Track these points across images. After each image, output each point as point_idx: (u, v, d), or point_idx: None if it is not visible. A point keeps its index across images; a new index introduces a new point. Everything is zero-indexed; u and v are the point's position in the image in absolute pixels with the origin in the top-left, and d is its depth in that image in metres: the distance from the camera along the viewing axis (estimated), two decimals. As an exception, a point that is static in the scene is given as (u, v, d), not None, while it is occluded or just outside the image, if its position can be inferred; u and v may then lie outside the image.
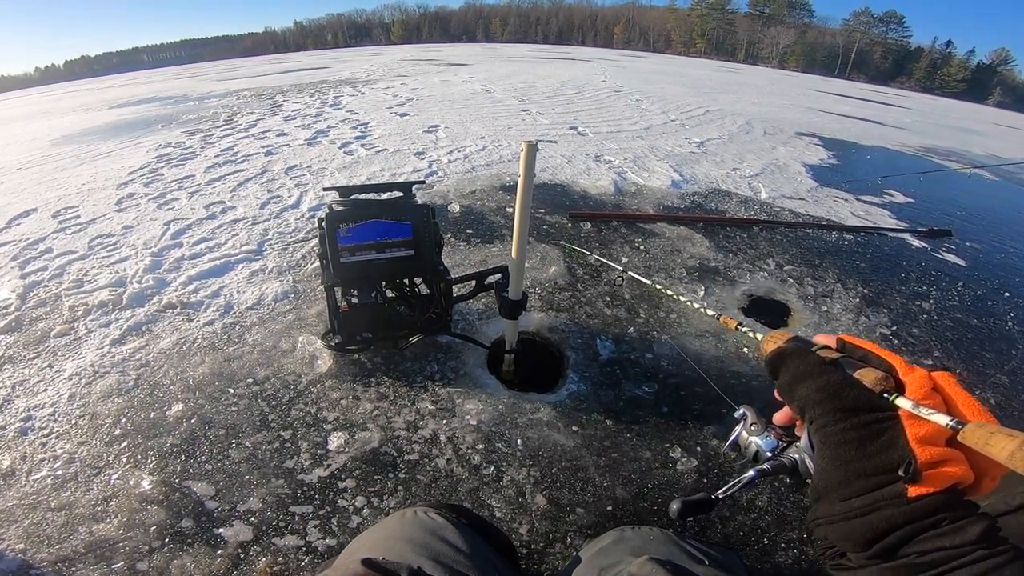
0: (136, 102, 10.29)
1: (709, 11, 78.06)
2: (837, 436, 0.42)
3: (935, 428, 0.39)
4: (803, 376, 0.47)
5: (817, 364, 0.46)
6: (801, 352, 0.49)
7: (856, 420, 0.42)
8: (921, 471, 0.38)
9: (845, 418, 0.42)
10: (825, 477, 0.43)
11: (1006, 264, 3.70)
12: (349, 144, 5.34)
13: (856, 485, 0.41)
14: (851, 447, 0.41)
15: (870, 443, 0.40)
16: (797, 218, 3.97)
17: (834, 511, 0.42)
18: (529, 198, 1.58)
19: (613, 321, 2.37)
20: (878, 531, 0.39)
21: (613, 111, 8.06)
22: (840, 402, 0.43)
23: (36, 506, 1.45)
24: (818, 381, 0.45)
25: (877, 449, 0.40)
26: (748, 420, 0.69)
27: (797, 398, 0.47)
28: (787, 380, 0.48)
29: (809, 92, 18.35)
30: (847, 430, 0.42)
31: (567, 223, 3.44)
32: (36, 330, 2.25)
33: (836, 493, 0.42)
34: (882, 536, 0.39)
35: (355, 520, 1.43)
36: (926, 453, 0.38)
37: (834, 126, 9.45)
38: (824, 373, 0.45)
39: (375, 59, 19.59)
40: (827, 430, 0.43)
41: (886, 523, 0.38)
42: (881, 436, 0.40)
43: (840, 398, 0.43)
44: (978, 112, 26.35)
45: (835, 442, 0.42)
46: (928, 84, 63.87)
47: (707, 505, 0.67)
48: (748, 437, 0.68)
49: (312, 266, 2.75)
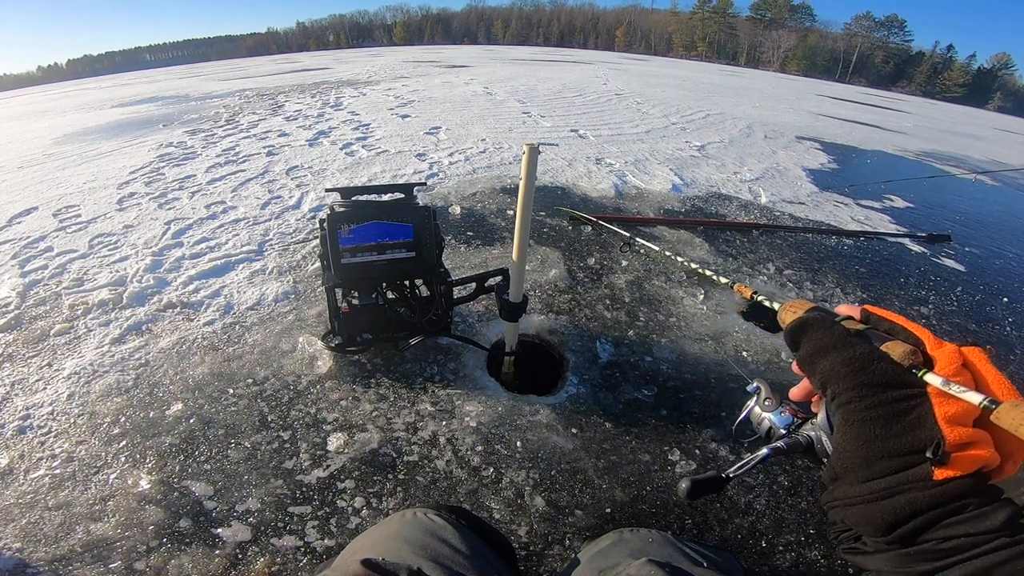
0: (138, 101, 10.30)
1: (711, 15, 78.32)
2: (861, 413, 0.40)
3: (964, 407, 0.37)
4: (827, 348, 0.44)
5: (842, 335, 0.44)
6: (825, 322, 0.46)
7: (883, 396, 0.39)
8: (949, 453, 0.36)
9: (871, 394, 0.40)
10: (845, 456, 0.41)
11: (1005, 269, 3.71)
12: (350, 145, 5.35)
13: (879, 466, 0.39)
14: (876, 425, 0.39)
15: (896, 421, 0.38)
16: (797, 222, 3.98)
17: (853, 492, 0.41)
18: (531, 201, 1.58)
19: (613, 324, 2.38)
20: (901, 515, 0.37)
21: (614, 114, 8.08)
22: (866, 376, 0.40)
23: (33, 505, 1.45)
24: (843, 353, 0.42)
25: (904, 428, 0.38)
26: (762, 395, 0.65)
27: (819, 371, 0.44)
28: (809, 352, 0.45)
29: (810, 96, 18.38)
30: (872, 407, 0.40)
31: (567, 226, 3.45)
32: (36, 328, 2.25)
33: (857, 473, 0.40)
34: (905, 520, 0.37)
35: (354, 521, 1.43)
36: (955, 434, 0.36)
37: (834, 130, 9.47)
38: (849, 345, 0.43)
39: (377, 60, 19.63)
40: (851, 406, 0.41)
41: (910, 507, 0.37)
42: (909, 414, 0.38)
43: (866, 372, 0.40)
44: (979, 117, 26.40)
45: (859, 419, 0.40)
46: (929, 89, 64.04)
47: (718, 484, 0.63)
48: (761, 413, 0.64)
49: (312, 267, 2.75)
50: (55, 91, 18.40)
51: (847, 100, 19.59)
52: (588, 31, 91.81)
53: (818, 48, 70.66)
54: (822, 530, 1.50)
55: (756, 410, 0.65)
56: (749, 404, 0.66)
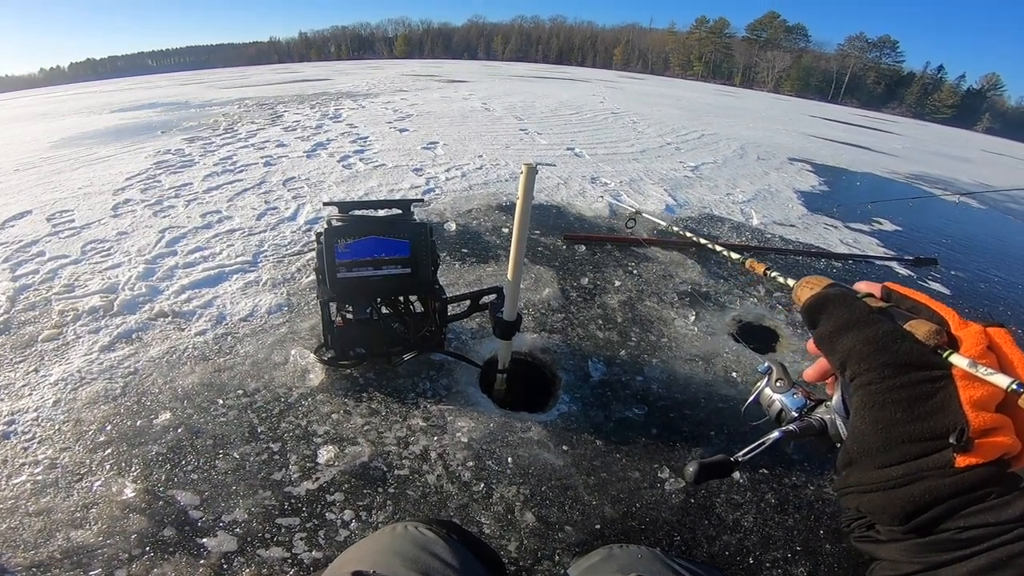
0: (138, 107, 10.32)
1: (707, 35, 79.96)
2: (883, 395, 0.38)
3: (990, 391, 0.35)
4: (848, 325, 0.42)
5: (864, 312, 0.42)
6: (846, 299, 0.43)
7: (906, 378, 0.37)
8: (972, 440, 0.34)
9: (894, 375, 0.38)
10: (863, 440, 0.39)
11: (990, 293, 3.77)
12: (348, 158, 5.38)
13: (899, 451, 0.37)
14: (898, 408, 0.37)
15: (920, 405, 0.37)
16: (787, 244, 4.04)
17: (870, 479, 0.39)
18: (527, 220, 1.61)
19: (605, 343, 2.40)
20: (920, 503, 0.36)
21: (610, 133, 8.19)
22: (889, 356, 0.38)
23: (13, 511, 1.44)
24: (865, 332, 0.40)
25: (927, 412, 0.36)
26: (773, 375, 0.62)
27: (839, 350, 0.42)
28: (828, 329, 0.43)
29: (802, 117, 18.71)
30: (895, 389, 0.38)
31: (562, 245, 3.48)
32: (24, 334, 2.24)
33: (874, 459, 0.39)
34: (924, 509, 0.36)
35: (343, 534, 1.42)
36: (979, 419, 0.35)
37: (825, 152, 9.64)
38: (872, 323, 0.41)
39: (377, 72, 19.81)
40: (872, 387, 0.39)
41: (930, 495, 0.35)
42: (932, 397, 0.36)
43: (889, 352, 0.38)
44: (968, 139, 26.94)
45: (880, 402, 0.38)
46: (919, 110, 65.36)
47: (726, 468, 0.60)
48: (772, 395, 0.61)
49: (307, 279, 2.76)
50: (55, 94, 18.40)
51: (839, 121, 19.95)
52: (587, 49, 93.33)
53: (812, 69, 72.14)
54: (809, 547, 1.51)
55: (767, 392, 0.62)
56: (759, 385, 0.63)
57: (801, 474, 1.75)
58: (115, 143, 6.17)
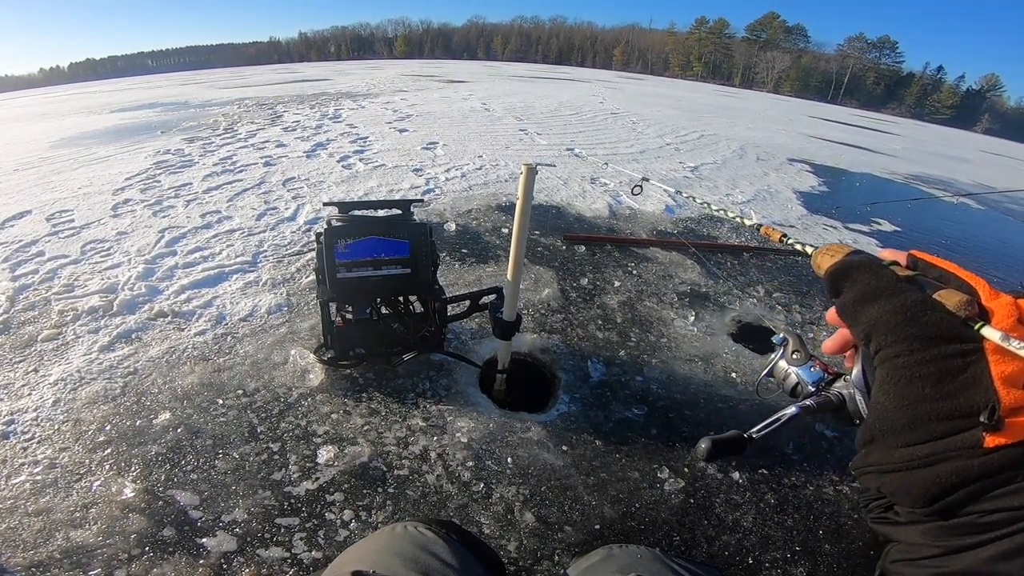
0: (138, 107, 10.32)
1: (707, 35, 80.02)
2: (911, 369, 0.36)
3: (1021, 366, 0.33)
4: (874, 294, 0.39)
5: (892, 281, 0.39)
6: (872, 267, 0.41)
7: (936, 351, 0.35)
8: (1003, 418, 0.32)
9: (923, 348, 0.35)
10: (886, 417, 0.37)
11: (990, 295, 3.77)
12: (348, 158, 5.39)
13: (925, 429, 0.35)
14: (926, 383, 0.35)
15: (949, 380, 0.34)
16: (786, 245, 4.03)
17: (892, 458, 0.37)
18: (527, 220, 1.61)
19: (604, 344, 2.40)
20: (946, 485, 0.34)
21: (610, 133, 8.20)
22: (918, 328, 0.36)
23: (13, 510, 1.44)
24: (893, 301, 0.38)
25: (957, 388, 0.34)
26: (789, 347, 0.58)
27: (863, 321, 0.39)
28: (853, 298, 0.41)
29: (802, 117, 18.73)
30: (924, 363, 0.35)
31: (561, 245, 3.48)
32: (23, 333, 2.24)
33: (898, 437, 0.37)
34: (950, 491, 0.34)
35: (342, 534, 1.42)
36: (1011, 397, 0.32)
37: (825, 152, 9.65)
38: (900, 292, 0.38)
39: (377, 73, 19.82)
40: (898, 360, 0.36)
41: (957, 476, 0.33)
42: (963, 372, 0.34)
43: (919, 323, 0.36)
44: (966, 140, 26.96)
45: (907, 377, 0.36)
46: (918, 111, 65.38)
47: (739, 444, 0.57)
48: (787, 367, 0.58)
49: (307, 279, 2.76)
50: (55, 94, 18.39)
51: (838, 122, 19.97)
52: (586, 49, 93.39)
53: (811, 69, 72.18)
54: (808, 547, 1.51)
55: (781, 364, 0.59)
56: (774, 357, 0.60)
57: (800, 474, 1.76)
58: (115, 143, 6.17)
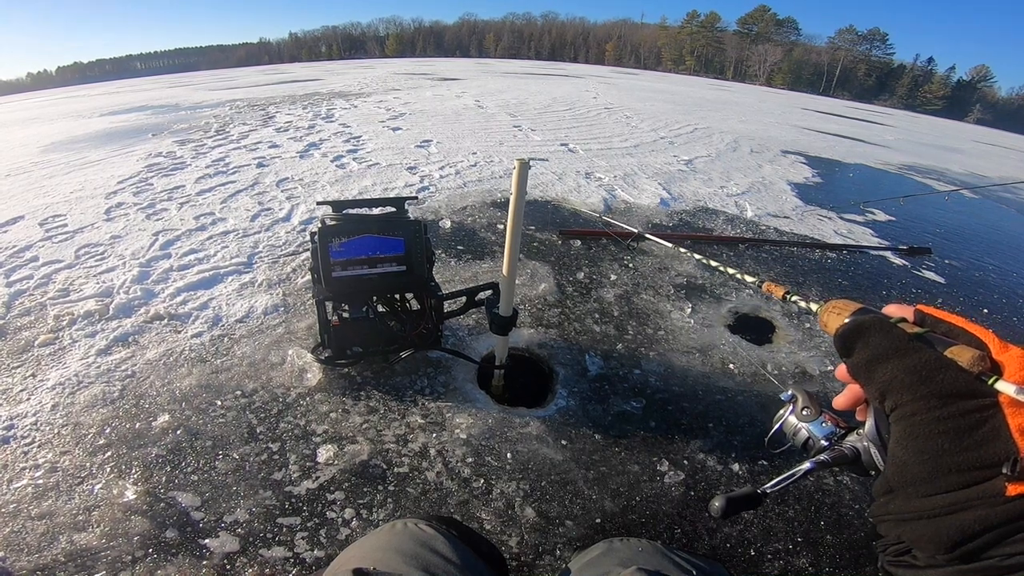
0: (128, 110, 10.23)
1: (699, 29, 79.89)
2: (930, 426, 0.37)
3: None
4: (887, 354, 0.40)
5: (904, 340, 0.40)
6: (882, 326, 0.42)
7: (953, 408, 0.36)
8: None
9: (940, 405, 0.37)
10: (906, 470, 0.38)
11: (984, 281, 3.80)
12: (341, 157, 5.37)
13: (946, 480, 0.36)
14: (944, 439, 0.36)
15: (968, 435, 0.36)
16: (782, 236, 4.06)
17: (912, 507, 0.38)
18: (521, 216, 1.61)
19: (602, 338, 2.40)
20: (968, 532, 0.35)
21: (603, 128, 8.19)
22: (933, 387, 0.37)
23: (16, 515, 1.44)
24: (906, 361, 0.39)
25: (976, 442, 0.35)
26: (799, 404, 0.59)
27: (878, 380, 0.40)
28: (866, 359, 0.42)
29: (795, 110, 18.75)
30: (941, 419, 0.36)
31: (557, 240, 3.48)
32: (20, 339, 2.23)
33: (919, 488, 0.38)
34: (972, 538, 0.35)
35: (344, 532, 1.43)
36: None
37: (819, 144, 9.67)
38: (913, 351, 0.39)
39: (369, 72, 19.72)
40: (916, 419, 0.38)
41: (980, 524, 0.34)
42: (981, 427, 0.35)
43: (933, 382, 0.37)
44: (959, 130, 27.05)
45: (925, 433, 0.37)
46: (910, 102, 65.53)
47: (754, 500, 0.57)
48: (797, 423, 0.59)
49: (302, 279, 2.75)
50: (43, 98, 18.22)
51: (831, 114, 19.99)
52: (579, 45, 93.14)
53: (803, 62, 72.21)
54: (810, 538, 1.52)
55: (791, 420, 0.60)
56: (783, 414, 0.61)
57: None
58: (106, 146, 6.12)
